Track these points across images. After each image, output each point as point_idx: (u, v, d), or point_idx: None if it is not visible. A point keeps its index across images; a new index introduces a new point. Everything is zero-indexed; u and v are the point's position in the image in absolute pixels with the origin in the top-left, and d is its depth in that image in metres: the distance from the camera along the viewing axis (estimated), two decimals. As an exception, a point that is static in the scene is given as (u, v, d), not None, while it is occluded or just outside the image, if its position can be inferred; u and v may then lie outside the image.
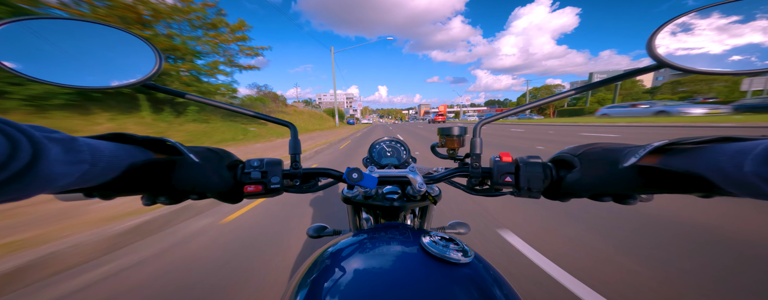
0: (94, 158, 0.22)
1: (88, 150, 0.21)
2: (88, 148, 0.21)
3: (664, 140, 0.26)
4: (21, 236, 1.51)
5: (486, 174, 0.41)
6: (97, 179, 0.23)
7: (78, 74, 0.32)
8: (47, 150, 0.17)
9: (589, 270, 1.30)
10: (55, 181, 0.18)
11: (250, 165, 0.38)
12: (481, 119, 0.43)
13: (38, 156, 0.17)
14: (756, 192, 0.19)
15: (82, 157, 0.20)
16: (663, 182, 0.27)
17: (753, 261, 1.32)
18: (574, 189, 0.33)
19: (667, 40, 0.29)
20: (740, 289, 1.14)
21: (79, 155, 0.20)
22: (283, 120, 0.45)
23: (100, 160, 0.22)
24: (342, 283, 0.29)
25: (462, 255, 0.31)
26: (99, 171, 0.22)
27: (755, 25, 0.25)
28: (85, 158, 0.21)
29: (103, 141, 0.24)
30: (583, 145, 0.35)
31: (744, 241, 1.50)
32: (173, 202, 0.33)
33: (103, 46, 0.34)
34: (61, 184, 0.20)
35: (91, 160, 0.21)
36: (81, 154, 0.20)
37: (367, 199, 0.52)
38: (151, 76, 0.35)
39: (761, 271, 1.24)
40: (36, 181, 0.17)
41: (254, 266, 1.43)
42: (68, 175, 0.19)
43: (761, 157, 0.18)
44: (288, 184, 0.43)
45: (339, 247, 0.37)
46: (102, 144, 0.24)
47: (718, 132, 0.24)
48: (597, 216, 1.90)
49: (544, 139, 7.87)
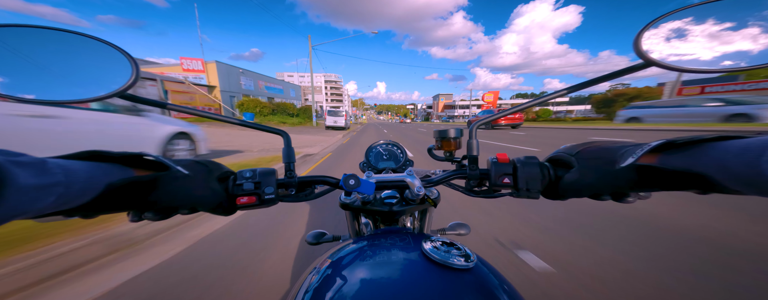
0: (68, 180, 0.20)
1: (61, 172, 0.20)
2: (61, 170, 0.20)
3: (662, 139, 0.26)
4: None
5: (484, 175, 0.41)
6: (74, 202, 0.21)
7: (48, 87, 0.29)
8: (14, 176, 0.16)
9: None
10: (27, 207, 0.17)
11: (241, 176, 0.37)
12: (476, 120, 0.43)
13: (4, 183, 0.15)
14: (765, 189, 0.19)
15: (55, 180, 0.19)
16: (661, 181, 0.27)
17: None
18: (572, 189, 0.33)
19: (655, 39, 0.30)
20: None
21: (52, 178, 0.19)
22: (276, 129, 0.44)
23: (75, 181, 0.21)
24: (344, 292, 0.28)
25: (464, 260, 0.30)
26: (75, 193, 0.21)
27: (742, 24, 0.26)
28: (59, 181, 0.19)
29: (76, 161, 0.23)
30: (579, 144, 0.35)
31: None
32: (161, 218, 0.31)
33: (73, 56, 0.32)
34: (34, 210, 0.18)
35: (66, 182, 0.20)
36: (53, 177, 0.19)
37: (366, 205, 0.51)
38: (128, 86, 0.33)
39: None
40: (4, 210, 0.16)
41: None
42: (40, 200, 0.18)
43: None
44: (283, 193, 0.42)
45: (340, 255, 0.36)
46: (76, 164, 0.22)
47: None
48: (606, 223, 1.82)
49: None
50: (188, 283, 1.29)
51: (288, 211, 2.20)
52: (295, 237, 1.77)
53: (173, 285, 1.28)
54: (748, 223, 1.77)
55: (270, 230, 1.88)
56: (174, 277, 1.34)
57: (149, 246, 1.65)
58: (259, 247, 1.64)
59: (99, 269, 1.40)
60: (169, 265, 1.45)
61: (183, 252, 1.59)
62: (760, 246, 1.49)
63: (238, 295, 1.20)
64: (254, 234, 1.83)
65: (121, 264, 1.44)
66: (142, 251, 1.58)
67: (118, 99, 0.33)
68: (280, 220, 2.04)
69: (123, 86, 0.32)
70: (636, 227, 1.77)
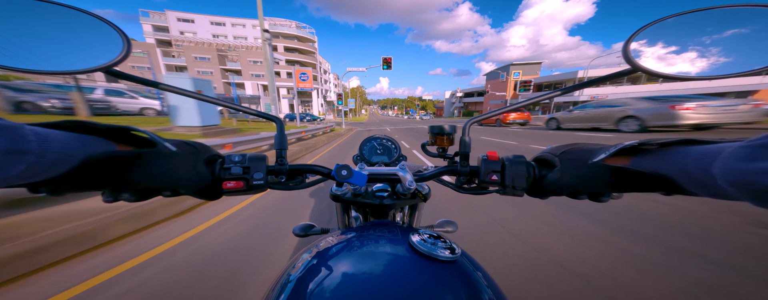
0: (41, 149, 0.19)
1: (36, 139, 0.18)
2: (36, 137, 0.18)
3: (634, 141, 0.27)
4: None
5: (474, 172, 0.42)
6: (44, 174, 0.20)
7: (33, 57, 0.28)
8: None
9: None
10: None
11: (230, 160, 0.36)
12: (470, 118, 0.44)
13: None
14: (720, 193, 0.20)
15: (27, 147, 0.18)
16: (632, 182, 0.29)
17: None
18: (553, 187, 0.35)
19: (642, 46, 0.31)
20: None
21: (23, 145, 0.17)
22: (269, 114, 0.43)
23: (48, 151, 0.19)
24: (329, 279, 0.28)
25: (449, 252, 0.31)
26: (46, 164, 0.19)
27: (728, 32, 0.27)
28: (31, 148, 0.18)
29: (55, 130, 0.22)
30: (564, 145, 0.37)
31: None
32: (139, 199, 0.30)
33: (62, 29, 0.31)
34: (1, 177, 0.17)
35: (38, 151, 0.18)
36: (26, 144, 0.18)
37: (357, 197, 0.51)
38: (116, 61, 0.32)
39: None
40: None
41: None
42: (8, 167, 0.17)
43: (727, 161, 0.19)
44: (273, 180, 0.41)
45: (326, 245, 0.36)
46: (53, 133, 0.21)
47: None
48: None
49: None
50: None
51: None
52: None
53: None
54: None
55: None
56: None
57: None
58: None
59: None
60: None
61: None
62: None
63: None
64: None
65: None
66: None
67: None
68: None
69: (112, 60, 0.31)
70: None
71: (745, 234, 1.63)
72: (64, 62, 0.30)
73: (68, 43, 0.31)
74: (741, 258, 1.38)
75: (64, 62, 0.30)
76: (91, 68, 0.31)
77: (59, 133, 0.21)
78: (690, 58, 0.29)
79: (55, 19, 0.30)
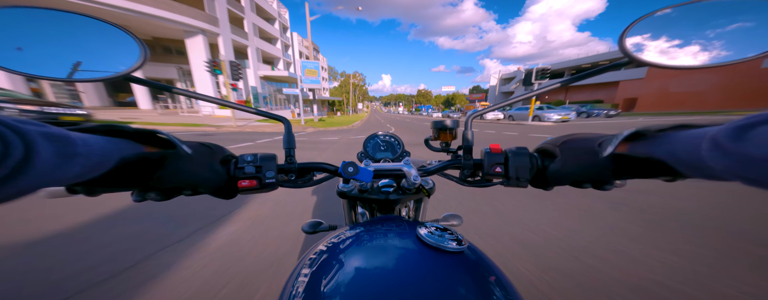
0: (88, 152, 0.20)
1: (82, 144, 0.20)
2: (82, 141, 0.20)
3: (633, 128, 0.28)
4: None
5: (477, 165, 0.43)
6: (89, 174, 0.22)
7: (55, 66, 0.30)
8: (40, 147, 0.16)
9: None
10: (49, 179, 0.17)
11: (243, 160, 0.38)
12: (473, 112, 0.45)
13: (31, 154, 0.15)
14: (708, 174, 0.21)
15: (77, 151, 0.19)
16: (633, 168, 0.30)
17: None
18: (556, 177, 0.35)
19: (638, 37, 0.32)
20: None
21: (74, 149, 0.19)
22: (277, 115, 0.45)
23: (92, 154, 0.21)
24: (343, 274, 0.29)
25: (456, 244, 0.32)
26: (91, 165, 0.21)
27: (718, 23, 0.28)
28: (80, 152, 0.20)
29: (92, 134, 0.23)
30: (563, 135, 0.38)
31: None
32: (164, 198, 0.32)
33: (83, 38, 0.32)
34: (60, 179, 0.19)
35: (86, 154, 0.20)
36: (76, 148, 0.19)
37: (363, 193, 0.52)
38: (134, 68, 0.34)
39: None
40: (29, 181, 0.16)
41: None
42: (62, 172, 0.18)
43: (712, 142, 0.19)
44: (283, 178, 0.43)
45: (336, 240, 0.37)
46: (92, 138, 0.22)
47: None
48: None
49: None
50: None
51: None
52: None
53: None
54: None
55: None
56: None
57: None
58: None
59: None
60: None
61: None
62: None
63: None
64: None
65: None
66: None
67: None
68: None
69: (131, 67, 0.33)
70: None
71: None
72: (88, 70, 0.32)
73: (92, 52, 0.33)
74: None
75: (89, 70, 0.32)
76: (112, 75, 0.33)
77: (97, 137, 0.23)
78: (685, 48, 0.30)
79: (79, 30, 0.32)
